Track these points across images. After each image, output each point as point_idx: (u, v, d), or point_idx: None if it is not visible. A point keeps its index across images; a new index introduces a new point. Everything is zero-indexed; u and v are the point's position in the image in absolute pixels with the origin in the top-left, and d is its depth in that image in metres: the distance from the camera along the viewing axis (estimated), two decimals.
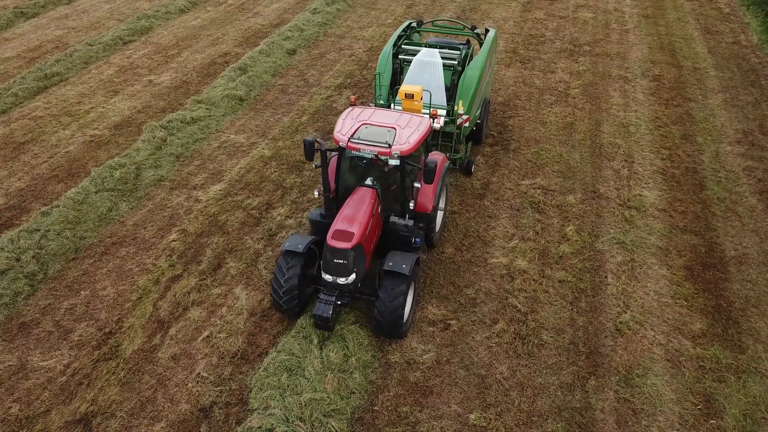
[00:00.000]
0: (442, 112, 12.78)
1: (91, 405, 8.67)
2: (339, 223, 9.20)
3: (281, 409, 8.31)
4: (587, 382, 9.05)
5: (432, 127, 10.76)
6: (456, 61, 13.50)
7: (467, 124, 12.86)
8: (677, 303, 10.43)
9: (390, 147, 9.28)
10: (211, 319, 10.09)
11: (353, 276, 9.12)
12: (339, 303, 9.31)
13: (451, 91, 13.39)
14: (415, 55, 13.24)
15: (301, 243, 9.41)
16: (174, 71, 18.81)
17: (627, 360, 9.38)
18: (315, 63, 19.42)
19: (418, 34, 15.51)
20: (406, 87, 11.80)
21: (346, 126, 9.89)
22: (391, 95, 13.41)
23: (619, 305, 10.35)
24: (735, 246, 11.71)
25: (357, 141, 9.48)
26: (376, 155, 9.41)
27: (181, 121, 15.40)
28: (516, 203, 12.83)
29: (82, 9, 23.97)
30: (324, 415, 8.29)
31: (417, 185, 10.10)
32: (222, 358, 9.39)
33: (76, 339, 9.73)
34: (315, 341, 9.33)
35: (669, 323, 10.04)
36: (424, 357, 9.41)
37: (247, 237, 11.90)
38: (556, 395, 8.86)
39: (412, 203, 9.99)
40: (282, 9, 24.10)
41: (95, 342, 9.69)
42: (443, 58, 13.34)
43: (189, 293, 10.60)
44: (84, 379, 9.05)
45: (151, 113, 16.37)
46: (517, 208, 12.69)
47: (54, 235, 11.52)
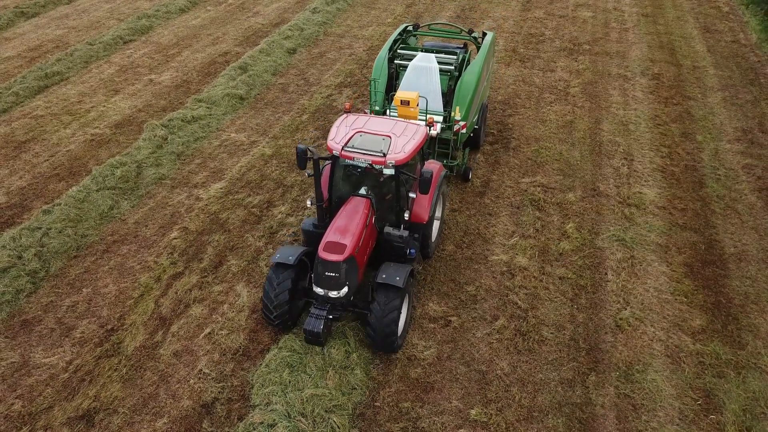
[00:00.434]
0: (438, 118, 12.59)
1: (94, 401, 8.71)
2: (331, 235, 8.94)
3: (283, 405, 8.35)
4: (587, 377, 9.09)
5: (428, 135, 10.51)
6: (453, 66, 13.30)
7: (464, 130, 12.60)
8: (677, 299, 10.47)
9: (385, 156, 9.07)
10: (213, 316, 10.13)
11: (345, 289, 8.85)
12: (330, 317, 8.99)
13: (448, 97, 13.17)
14: (411, 60, 13.02)
15: (292, 255, 9.13)
16: (174, 70, 18.84)
17: (627, 356, 9.42)
18: (315, 62, 19.46)
19: (414, 37, 15.29)
20: (401, 93, 11.62)
21: (339, 134, 9.64)
22: (387, 101, 13.14)
23: (619, 302, 10.39)
24: (734, 243, 11.75)
25: (351, 149, 9.26)
26: (370, 164, 9.19)
27: (182, 120, 15.44)
28: (516, 201, 12.87)
29: (82, 9, 24.00)
30: (325, 411, 8.33)
31: (412, 195, 9.81)
32: (224, 354, 9.43)
33: (78, 336, 9.77)
34: None
35: (669, 319, 10.08)
36: (425, 353, 9.45)
37: (248, 235, 11.94)
38: (556, 391, 8.89)
39: (407, 213, 9.75)
40: (282, 8, 24.14)
41: (97, 339, 9.73)
42: (440, 62, 13.12)
43: (190, 290, 10.64)
44: (86, 376, 9.09)
45: (152, 112, 16.41)
46: (518, 205, 12.73)
47: (55, 233, 11.56)
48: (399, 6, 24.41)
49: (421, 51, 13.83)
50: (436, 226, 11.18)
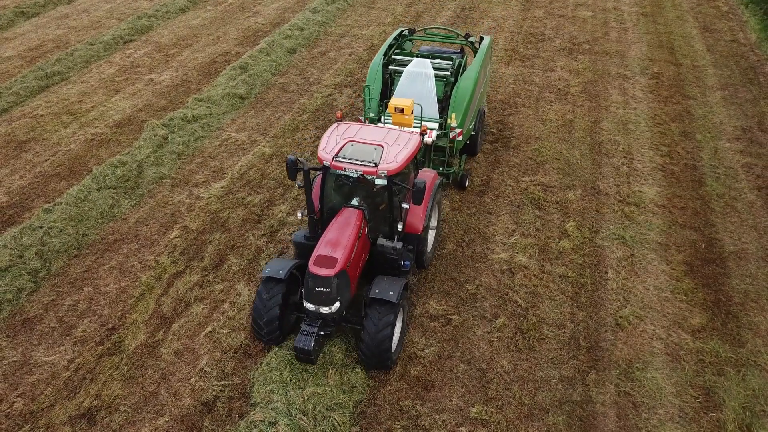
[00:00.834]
0: (434, 125, 12.37)
1: (95, 400, 8.73)
2: (322, 248, 8.66)
3: (284, 403, 8.36)
4: (588, 375, 9.11)
5: (421, 144, 10.24)
6: (449, 72, 13.05)
7: (460, 137, 12.33)
8: (677, 298, 10.49)
9: (376, 166, 8.80)
10: (214, 315, 10.15)
11: (337, 305, 8.56)
12: (322, 334, 8.72)
13: (444, 103, 12.92)
14: (407, 66, 12.79)
15: (282, 268, 8.86)
16: (175, 70, 18.86)
17: (627, 354, 9.44)
18: (315, 61, 19.48)
19: (410, 42, 14.97)
20: (395, 101, 11.41)
21: (330, 143, 9.34)
22: (382, 108, 12.82)
23: (619, 300, 10.41)
24: (734, 241, 11.78)
25: (342, 160, 8.99)
26: (361, 175, 8.93)
27: (182, 120, 15.46)
28: (516, 200, 12.89)
29: (82, 8, 24.02)
30: (326, 409, 8.35)
31: (405, 206, 9.50)
32: (225, 353, 9.45)
33: (79, 335, 9.78)
34: None
35: (669, 318, 10.11)
36: (425, 351, 9.47)
37: (249, 234, 11.96)
38: (557, 389, 8.92)
39: (400, 225, 9.39)
40: (282, 8, 24.16)
41: (98, 337, 9.75)
42: (435, 68, 12.88)
43: (191, 289, 10.66)
44: (88, 374, 9.10)
45: (152, 112, 16.43)
46: (518, 204, 12.75)
47: (56, 232, 11.58)
48: (399, 6, 24.43)
49: (417, 56, 13.54)
50: (431, 235, 10.91)
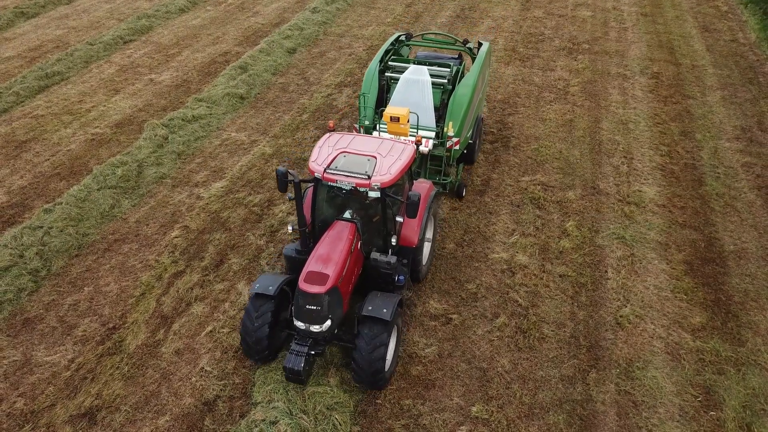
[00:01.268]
0: (430, 134, 12.11)
1: (96, 399, 8.73)
2: (312, 264, 8.33)
3: (284, 402, 8.37)
4: (588, 374, 9.12)
5: (416, 155, 9.93)
6: (446, 79, 12.74)
7: (457, 147, 12.10)
8: (677, 297, 10.50)
9: (369, 178, 8.54)
10: (214, 315, 10.15)
11: (328, 323, 8.23)
12: (312, 353, 8.40)
13: (441, 112, 12.66)
14: (403, 73, 12.53)
15: (273, 284, 8.52)
16: (174, 70, 18.87)
17: (627, 353, 9.45)
18: (315, 61, 19.49)
19: (407, 47, 14.74)
20: (391, 109, 11.17)
21: (322, 155, 9.05)
22: (377, 116, 12.57)
23: (620, 299, 10.42)
24: (734, 241, 11.79)
25: (334, 171, 8.71)
26: (354, 187, 8.66)
27: (183, 120, 15.46)
28: (516, 199, 12.90)
29: (82, 9, 24.02)
30: (327, 408, 8.35)
31: (399, 219, 9.20)
32: (225, 352, 9.45)
33: (80, 334, 9.79)
34: None
35: (669, 317, 10.12)
36: (426, 351, 9.48)
37: (249, 233, 11.97)
38: (557, 388, 8.93)
39: (394, 239, 9.13)
40: (282, 8, 24.17)
41: (99, 337, 9.75)
42: (432, 75, 12.60)
43: (192, 289, 10.66)
44: (88, 374, 9.11)
45: (152, 112, 16.43)
46: (518, 204, 12.76)
47: (57, 232, 11.58)
48: (399, 6, 24.44)
49: (414, 63, 13.32)
50: (427, 248, 10.63)
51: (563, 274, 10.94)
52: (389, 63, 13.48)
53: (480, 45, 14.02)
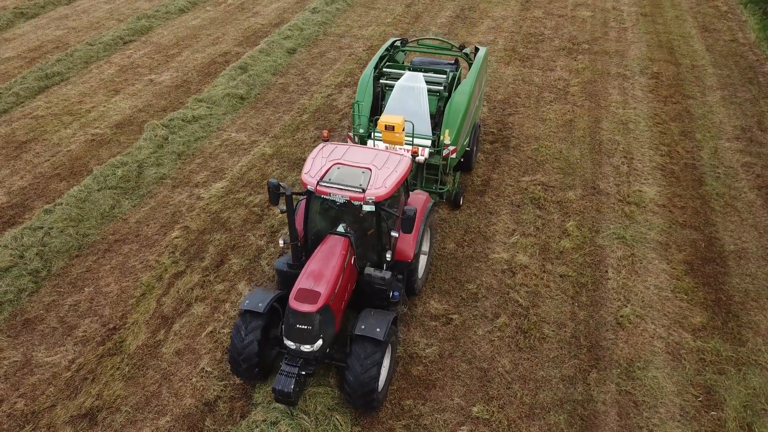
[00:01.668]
0: (426, 142, 11.88)
1: (96, 400, 8.73)
2: (303, 281, 8.05)
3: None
4: (589, 374, 9.12)
5: (412, 166, 9.67)
6: (442, 86, 12.48)
7: (454, 155, 11.82)
8: (677, 297, 10.51)
9: (364, 191, 8.27)
10: (215, 315, 10.15)
11: (319, 342, 7.94)
12: (303, 374, 8.06)
13: (437, 119, 12.38)
14: (398, 80, 12.24)
15: (263, 301, 8.22)
16: (174, 70, 18.87)
17: (628, 353, 9.45)
18: (315, 62, 19.49)
19: (402, 53, 14.40)
20: (386, 118, 10.86)
21: (315, 166, 8.78)
22: (372, 124, 12.33)
23: (620, 299, 10.42)
24: (734, 240, 11.79)
25: (327, 184, 8.44)
26: (347, 200, 8.37)
27: (183, 120, 15.46)
28: (516, 199, 12.90)
29: (82, 9, 24.02)
30: (328, 409, 8.36)
31: (394, 234, 8.91)
32: (226, 353, 9.44)
33: (80, 335, 9.79)
34: None
35: (669, 317, 10.12)
36: (426, 351, 9.48)
37: (250, 234, 11.96)
38: (558, 388, 8.93)
39: (389, 254, 8.84)
40: (282, 8, 24.16)
41: (99, 338, 9.75)
42: (428, 82, 12.31)
43: (192, 289, 10.66)
44: (89, 375, 9.11)
45: (152, 112, 16.43)
46: (518, 204, 12.76)
47: (57, 233, 11.58)
48: (398, 6, 24.44)
49: (409, 69, 13.02)
50: (423, 261, 10.34)
51: (564, 274, 10.94)
52: (384, 69, 13.16)
53: (477, 50, 13.78)
